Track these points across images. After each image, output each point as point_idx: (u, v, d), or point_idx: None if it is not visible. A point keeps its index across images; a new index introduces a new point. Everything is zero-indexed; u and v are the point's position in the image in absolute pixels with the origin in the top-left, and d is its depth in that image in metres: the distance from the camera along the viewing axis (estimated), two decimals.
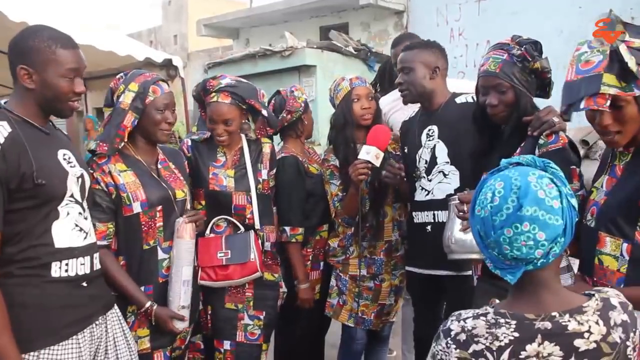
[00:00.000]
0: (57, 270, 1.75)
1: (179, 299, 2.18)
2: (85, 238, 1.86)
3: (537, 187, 1.12)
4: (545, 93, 2.06)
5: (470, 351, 1.13)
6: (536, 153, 1.87)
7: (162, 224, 2.21)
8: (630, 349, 1.14)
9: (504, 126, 2.10)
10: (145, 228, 2.17)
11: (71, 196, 1.80)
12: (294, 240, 2.73)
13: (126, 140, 2.20)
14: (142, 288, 2.17)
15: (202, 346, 2.60)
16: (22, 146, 1.66)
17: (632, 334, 1.14)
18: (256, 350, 2.52)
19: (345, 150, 2.72)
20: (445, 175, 2.45)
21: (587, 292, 1.20)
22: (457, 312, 1.21)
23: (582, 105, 1.49)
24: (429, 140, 2.51)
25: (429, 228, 2.47)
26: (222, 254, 2.41)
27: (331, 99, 2.85)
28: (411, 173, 2.56)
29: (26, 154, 1.66)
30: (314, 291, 2.84)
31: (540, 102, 2.08)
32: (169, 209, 2.23)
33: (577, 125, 3.51)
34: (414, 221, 2.55)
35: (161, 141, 2.28)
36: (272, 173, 2.63)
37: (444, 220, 2.38)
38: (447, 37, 7.71)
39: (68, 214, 1.79)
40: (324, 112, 5.22)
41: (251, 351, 2.51)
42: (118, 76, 2.25)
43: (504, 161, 1.23)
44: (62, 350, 1.75)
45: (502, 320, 1.13)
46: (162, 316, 2.15)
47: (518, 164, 1.21)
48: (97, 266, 1.90)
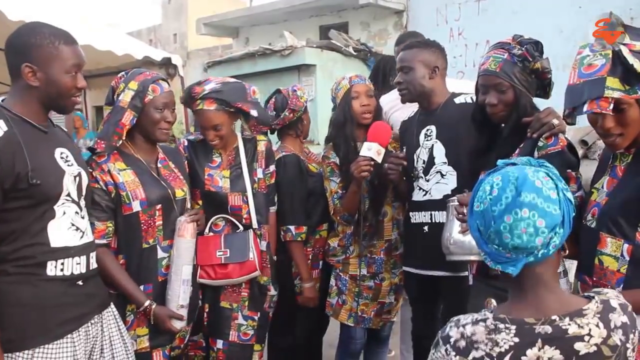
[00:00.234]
0: (53, 269, 1.75)
1: (177, 297, 2.18)
2: (82, 237, 1.85)
3: (534, 177, 1.14)
4: (545, 93, 2.06)
5: (470, 358, 1.12)
6: (535, 155, 1.87)
7: (161, 222, 2.21)
8: (630, 351, 1.13)
9: (502, 125, 2.09)
10: (145, 227, 2.17)
11: (67, 195, 1.79)
12: (299, 239, 2.73)
13: (124, 138, 2.19)
14: (142, 287, 2.18)
15: (204, 344, 2.59)
16: (18, 145, 1.66)
17: (631, 335, 1.14)
18: (248, 351, 2.51)
19: (345, 148, 2.71)
20: (442, 176, 2.44)
21: (586, 294, 1.20)
22: (455, 318, 1.21)
23: (586, 109, 1.49)
24: (427, 140, 2.50)
25: (425, 228, 2.47)
26: (221, 253, 2.41)
27: (333, 98, 2.85)
28: (409, 173, 2.55)
29: (21, 154, 1.66)
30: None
31: (540, 103, 2.07)
32: (169, 208, 2.23)
33: (576, 125, 3.51)
34: (411, 221, 2.55)
35: (160, 140, 2.28)
36: (269, 171, 2.63)
37: (441, 221, 2.37)
38: (446, 37, 7.70)
39: (64, 213, 1.79)
40: (323, 112, 5.22)
41: (243, 351, 2.50)
42: (120, 75, 2.25)
43: (500, 162, 1.24)
44: (57, 349, 1.75)
45: (501, 326, 1.13)
46: (161, 315, 2.15)
47: (513, 164, 1.21)
48: (93, 265, 1.90)
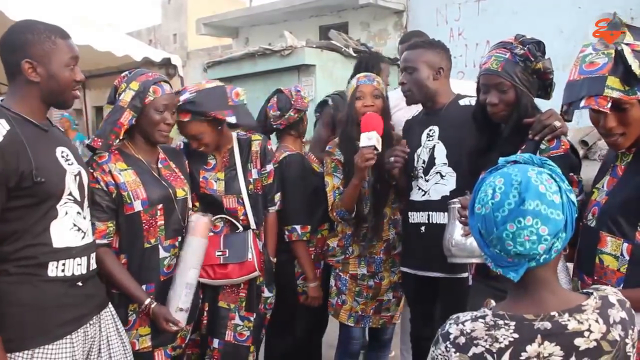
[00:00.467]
0: (54, 270, 1.75)
1: (178, 300, 2.19)
2: (83, 238, 1.85)
3: (538, 182, 1.12)
4: (546, 94, 2.05)
5: (470, 354, 1.12)
6: None
7: (163, 222, 2.22)
8: (630, 346, 1.14)
9: (503, 125, 2.09)
10: (147, 226, 2.18)
11: (69, 194, 1.79)
12: (304, 238, 2.73)
13: (122, 137, 2.20)
14: (144, 286, 2.18)
15: (200, 342, 2.59)
16: (21, 144, 1.66)
17: (630, 331, 1.14)
18: (243, 351, 2.52)
19: (346, 147, 2.69)
20: (442, 177, 2.44)
21: (585, 290, 1.20)
22: (454, 316, 1.20)
23: (583, 104, 1.48)
24: (428, 141, 2.50)
25: (422, 229, 2.46)
26: (220, 253, 2.41)
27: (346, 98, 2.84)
28: (409, 172, 2.54)
29: (25, 152, 1.66)
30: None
31: (541, 103, 2.06)
32: (170, 208, 2.24)
33: (577, 125, 3.51)
34: (409, 221, 2.54)
35: (159, 142, 2.28)
36: (265, 171, 2.61)
37: (438, 222, 2.38)
38: (446, 37, 7.70)
39: (66, 213, 1.79)
40: None
41: (238, 352, 2.51)
42: (123, 74, 2.26)
43: (502, 159, 1.23)
44: (56, 350, 1.75)
45: (501, 322, 1.13)
46: (158, 315, 2.16)
47: (515, 162, 1.20)
48: (93, 266, 1.90)
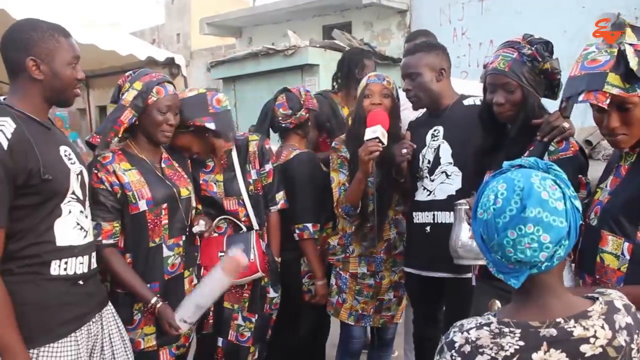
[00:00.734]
0: (56, 269, 1.75)
1: (186, 313, 2.20)
2: (85, 237, 1.86)
3: (541, 188, 1.10)
4: (553, 94, 2.03)
5: None
6: (545, 159, 1.83)
7: (167, 221, 2.23)
8: (635, 351, 1.13)
9: (509, 125, 2.08)
10: (151, 226, 2.19)
11: (73, 193, 1.80)
12: (316, 236, 2.73)
13: (124, 136, 2.21)
14: (149, 285, 2.19)
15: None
16: (28, 142, 1.66)
17: (636, 336, 1.13)
18: (244, 352, 2.53)
19: (353, 144, 2.64)
20: (447, 176, 2.43)
21: (590, 295, 1.19)
22: (458, 323, 1.19)
23: (581, 98, 1.48)
24: (433, 141, 2.49)
25: (427, 229, 2.45)
26: (223, 254, 2.41)
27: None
28: (415, 173, 2.54)
29: (32, 150, 1.66)
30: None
31: (547, 103, 2.05)
32: (174, 207, 2.25)
33: (580, 125, 3.50)
34: (414, 221, 2.53)
35: (161, 142, 2.28)
36: (264, 170, 2.61)
37: (444, 222, 2.37)
38: (450, 37, 7.69)
39: (70, 212, 1.79)
40: None
41: (239, 352, 2.52)
42: (127, 74, 2.26)
43: (506, 163, 1.21)
44: (61, 348, 1.75)
45: (506, 330, 1.11)
46: (163, 317, 2.17)
47: (520, 166, 1.19)
48: (94, 265, 1.91)
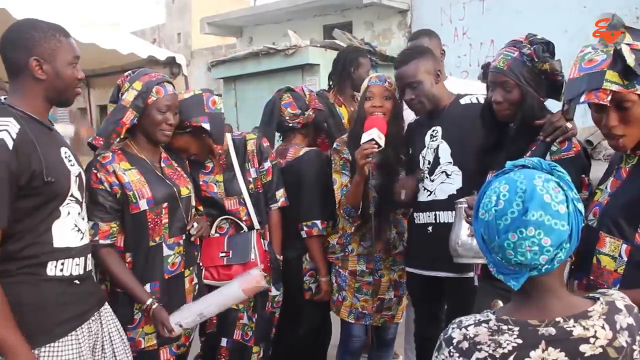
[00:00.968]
0: (53, 269, 1.75)
1: (185, 318, 2.20)
2: (82, 238, 1.86)
3: (543, 191, 1.10)
4: (558, 95, 2.00)
5: (473, 359, 1.11)
6: (547, 159, 1.83)
7: (167, 220, 2.23)
8: (637, 352, 1.12)
9: (511, 124, 2.07)
10: (152, 225, 2.20)
11: (71, 195, 1.80)
12: (324, 233, 2.73)
13: (124, 137, 2.21)
14: (149, 284, 2.20)
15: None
16: (32, 144, 1.66)
17: (637, 337, 1.12)
18: (248, 351, 2.55)
19: (354, 145, 2.63)
20: (447, 176, 2.43)
21: (591, 295, 1.18)
22: (457, 320, 1.19)
23: (583, 99, 1.47)
24: (432, 141, 2.49)
25: (429, 229, 2.46)
26: (223, 254, 2.42)
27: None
28: (415, 174, 2.54)
29: (36, 152, 1.66)
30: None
31: (552, 105, 2.04)
32: (174, 206, 2.25)
33: (581, 125, 3.49)
34: (415, 222, 2.54)
35: (161, 141, 2.29)
36: (263, 169, 2.61)
37: (445, 221, 2.37)
38: (451, 36, 7.68)
39: (69, 213, 1.79)
40: None
41: (243, 351, 2.54)
42: (126, 73, 2.26)
43: (509, 163, 1.20)
44: (62, 347, 1.75)
45: (504, 327, 1.11)
46: (157, 318, 2.16)
47: (524, 166, 1.18)
48: (89, 267, 1.91)
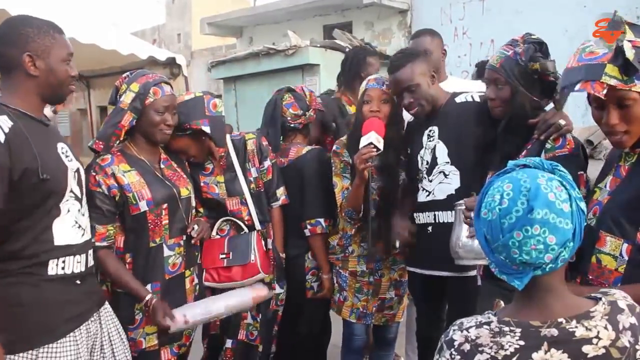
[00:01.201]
0: (54, 268, 1.75)
1: (191, 311, 2.22)
2: (83, 235, 1.86)
3: (547, 189, 1.09)
4: (552, 96, 2.00)
5: None
6: (542, 158, 1.85)
7: (167, 221, 2.23)
8: None
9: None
10: (152, 226, 2.19)
11: (71, 192, 1.79)
12: (327, 231, 2.73)
13: (122, 139, 2.21)
14: (150, 285, 2.20)
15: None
16: (26, 140, 1.64)
17: None
18: (253, 351, 2.56)
19: (354, 149, 2.60)
20: (445, 176, 2.42)
21: (593, 295, 1.18)
22: (458, 321, 1.19)
23: (578, 87, 1.47)
24: (429, 141, 2.49)
25: (429, 229, 2.45)
26: (224, 256, 2.42)
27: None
28: (414, 175, 2.54)
29: (30, 149, 1.64)
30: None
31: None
32: (174, 207, 2.25)
33: (581, 125, 3.49)
34: (416, 222, 2.53)
35: (160, 141, 2.29)
36: (264, 167, 2.61)
37: (445, 221, 2.37)
38: (451, 36, 7.67)
39: (69, 210, 1.79)
40: None
41: (249, 350, 2.55)
42: (124, 75, 2.26)
43: (511, 163, 1.20)
44: (60, 348, 1.75)
45: (506, 329, 1.11)
46: (158, 309, 2.15)
47: (525, 166, 1.17)
48: (90, 262, 1.91)
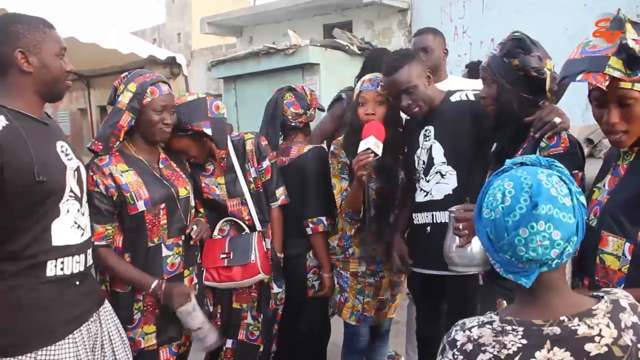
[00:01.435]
0: (53, 269, 1.74)
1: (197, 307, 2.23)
2: (82, 235, 1.85)
3: (549, 184, 1.10)
4: (541, 93, 1.94)
5: None
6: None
7: (165, 221, 2.22)
8: None
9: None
10: (150, 226, 2.19)
11: (70, 191, 1.78)
12: (329, 229, 2.74)
13: (122, 139, 2.20)
14: None
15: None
16: (22, 140, 1.62)
17: None
18: (254, 351, 2.55)
19: (351, 152, 2.60)
20: (442, 176, 2.42)
21: (595, 293, 1.18)
22: (460, 322, 1.19)
23: (580, 78, 1.47)
24: (425, 141, 2.48)
25: (428, 229, 2.46)
26: (224, 256, 2.42)
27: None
28: (411, 175, 2.54)
29: (26, 149, 1.62)
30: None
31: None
32: (172, 207, 2.24)
33: (581, 123, 3.49)
34: (414, 222, 2.54)
35: (159, 140, 2.29)
36: (262, 168, 2.61)
37: (443, 221, 2.36)
38: (451, 35, 7.66)
39: (68, 211, 1.78)
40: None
41: (250, 351, 2.54)
42: (122, 75, 2.26)
43: (508, 162, 1.20)
44: (59, 350, 1.74)
45: (509, 328, 1.11)
46: (172, 290, 2.14)
47: (522, 163, 1.18)
48: (89, 262, 1.90)
